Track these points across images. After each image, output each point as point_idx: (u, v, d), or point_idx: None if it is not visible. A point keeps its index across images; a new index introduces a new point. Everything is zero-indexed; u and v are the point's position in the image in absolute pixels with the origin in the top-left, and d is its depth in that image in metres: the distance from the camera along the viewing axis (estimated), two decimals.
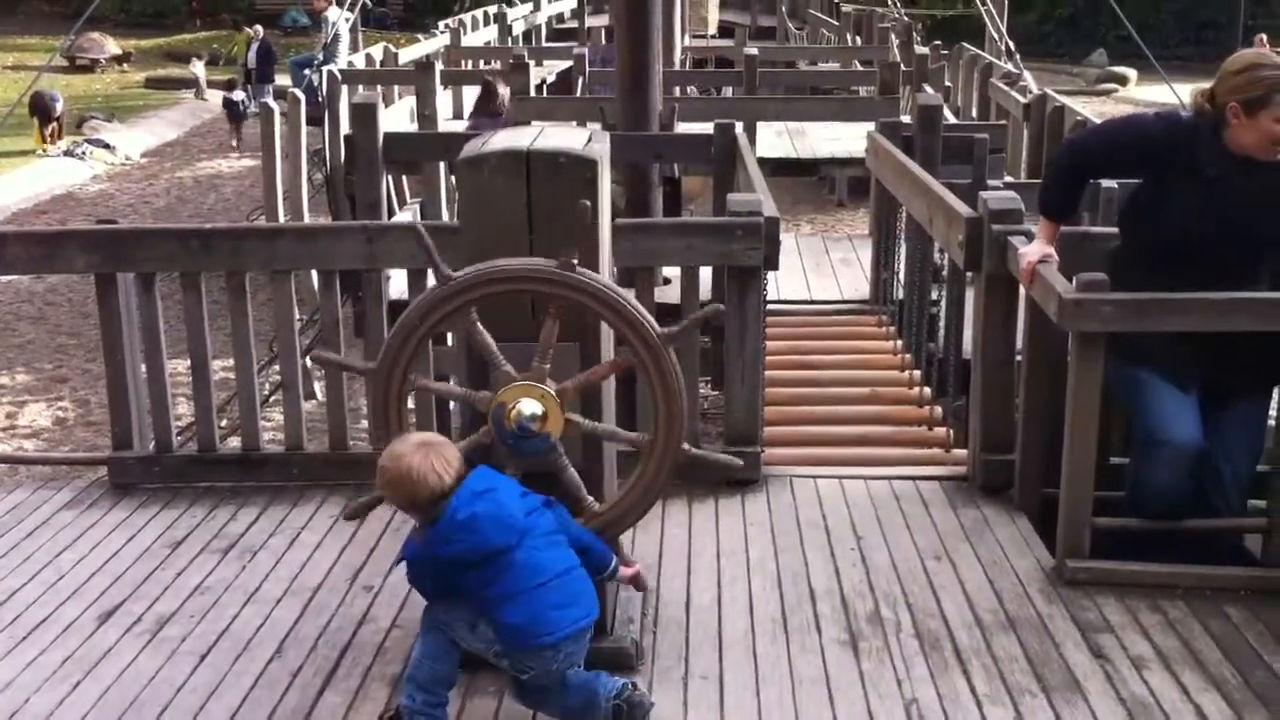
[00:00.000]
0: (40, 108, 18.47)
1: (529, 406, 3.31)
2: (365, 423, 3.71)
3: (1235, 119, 4.05)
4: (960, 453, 5.49)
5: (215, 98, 24.20)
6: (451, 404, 5.52)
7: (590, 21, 21.29)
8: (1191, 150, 4.15)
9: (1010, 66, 14.18)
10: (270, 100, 13.03)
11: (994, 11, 17.61)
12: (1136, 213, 4.36)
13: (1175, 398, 4.20)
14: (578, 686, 3.29)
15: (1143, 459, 4.32)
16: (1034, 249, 4.40)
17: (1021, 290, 4.63)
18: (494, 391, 3.35)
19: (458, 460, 3.21)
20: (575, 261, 3.28)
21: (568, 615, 3.18)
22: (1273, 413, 4.46)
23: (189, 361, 5.09)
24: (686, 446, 3.48)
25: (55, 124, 19.03)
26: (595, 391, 3.49)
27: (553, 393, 3.32)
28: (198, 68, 26.02)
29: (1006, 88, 12.51)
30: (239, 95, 21.01)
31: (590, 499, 3.45)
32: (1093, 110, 10.52)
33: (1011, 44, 15.83)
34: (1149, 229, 4.28)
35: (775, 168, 11.41)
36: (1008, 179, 8.28)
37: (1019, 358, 4.80)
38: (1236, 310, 4.05)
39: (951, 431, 5.86)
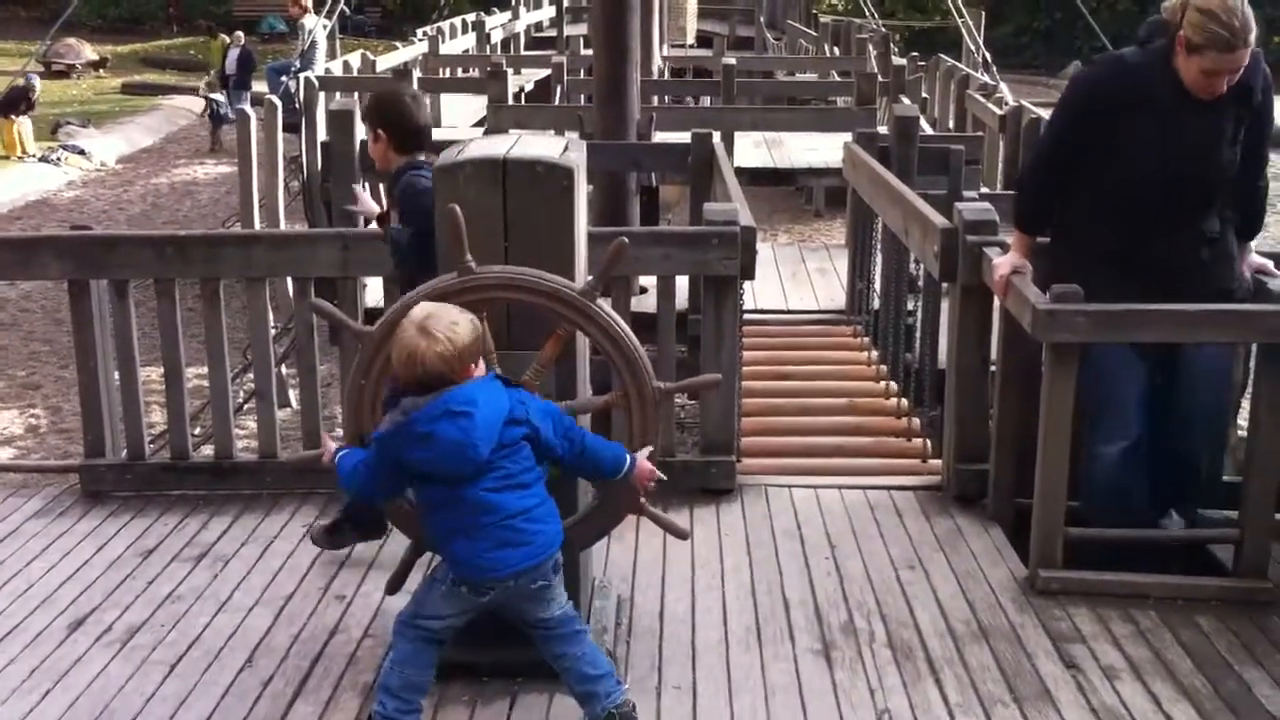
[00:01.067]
0: (14, 96, 18.01)
1: None
2: (340, 431, 3.69)
3: (1180, 48, 4.13)
4: (935, 463, 5.51)
5: (194, 103, 24.14)
6: None
7: (569, 30, 21.28)
8: (1147, 84, 4.23)
9: (987, 78, 14.24)
10: (248, 107, 12.98)
11: (971, 24, 17.70)
12: (1091, 160, 4.35)
13: (1127, 376, 4.27)
14: (585, 675, 3.28)
15: (1092, 459, 4.37)
16: (1008, 260, 4.42)
17: (996, 301, 4.65)
18: None
19: (465, 349, 3.09)
20: (598, 290, 3.30)
21: (512, 556, 3.15)
22: (1243, 422, 4.49)
23: (162, 369, 5.06)
24: (643, 502, 3.48)
25: (27, 103, 18.63)
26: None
27: None
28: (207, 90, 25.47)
29: (983, 99, 12.56)
30: (219, 96, 20.90)
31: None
32: None
33: (988, 56, 15.90)
34: (1106, 175, 4.31)
35: (752, 177, 11.46)
36: (983, 190, 8.30)
37: (994, 368, 4.82)
38: (1206, 321, 4.08)
39: (928, 442, 5.88)
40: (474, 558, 3.16)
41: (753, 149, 12.75)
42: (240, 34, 23.99)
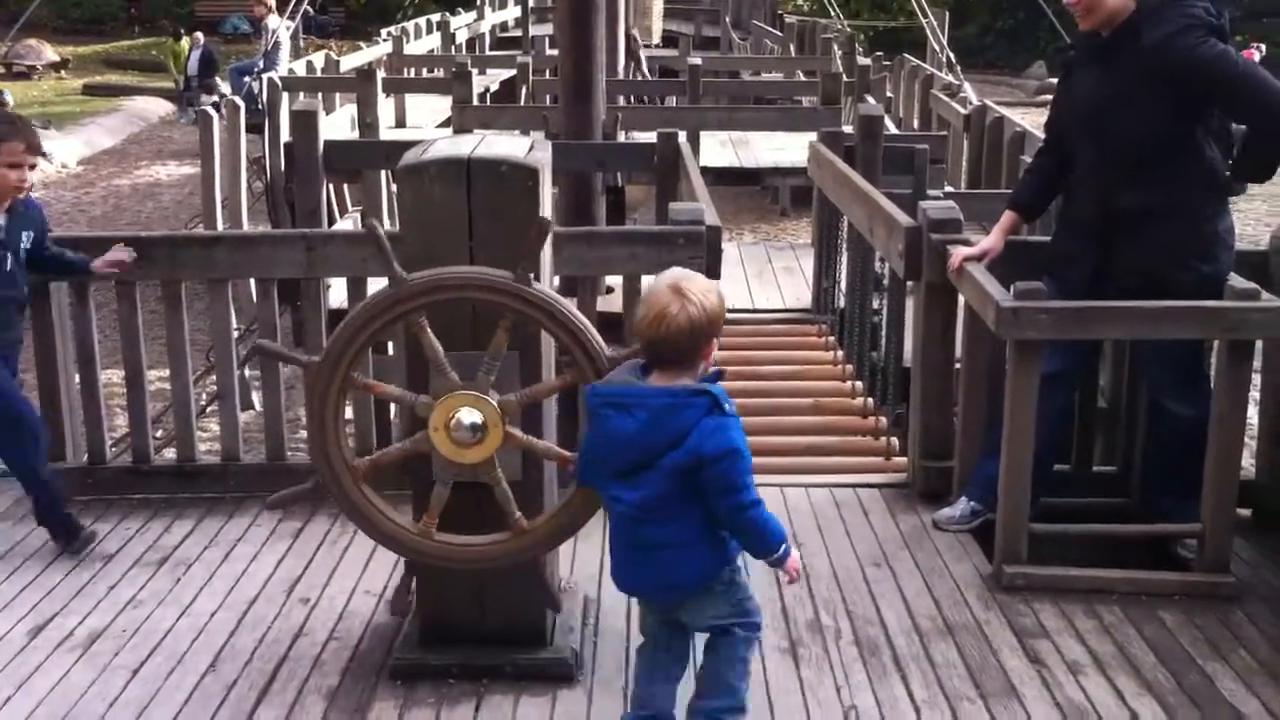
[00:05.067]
0: None
1: (469, 416, 3.29)
2: (304, 433, 3.66)
3: None
4: (900, 460, 5.52)
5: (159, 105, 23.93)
6: (392, 408, 5.51)
7: (534, 30, 21.24)
8: (1079, 43, 4.39)
9: (951, 78, 14.32)
10: (210, 108, 12.90)
11: (935, 24, 17.80)
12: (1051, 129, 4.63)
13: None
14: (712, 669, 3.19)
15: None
16: (973, 246, 4.51)
17: (961, 299, 4.67)
18: (435, 399, 3.33)
19: (715, 318, 2.98)
20: (532, 275, 3.27)
21: (629, 578, 3.16)
22: None
23: (123, 372, 5.02)
24: None
25: None
26: (536, 405, 3.47)
27: (495, 405, 3.30)
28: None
29: (947, 99, 12.63)
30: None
31: (519, 515, 3.42)
32: (1031, 121, 10.63)
33: (952, 56, 15.99)
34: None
35: (719, 177, 11.47)
36: (948, 189, 8.35)
37: (959, 365, 4.85)
38: (1167, 318, 4.11)
39: (893, 439, 5.90)
40: (614, 569, 3.18)
41: (719, 148, 12.76)
42: (200, 35, 23.84)
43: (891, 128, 12.19)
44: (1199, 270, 4.22)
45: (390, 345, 5.14)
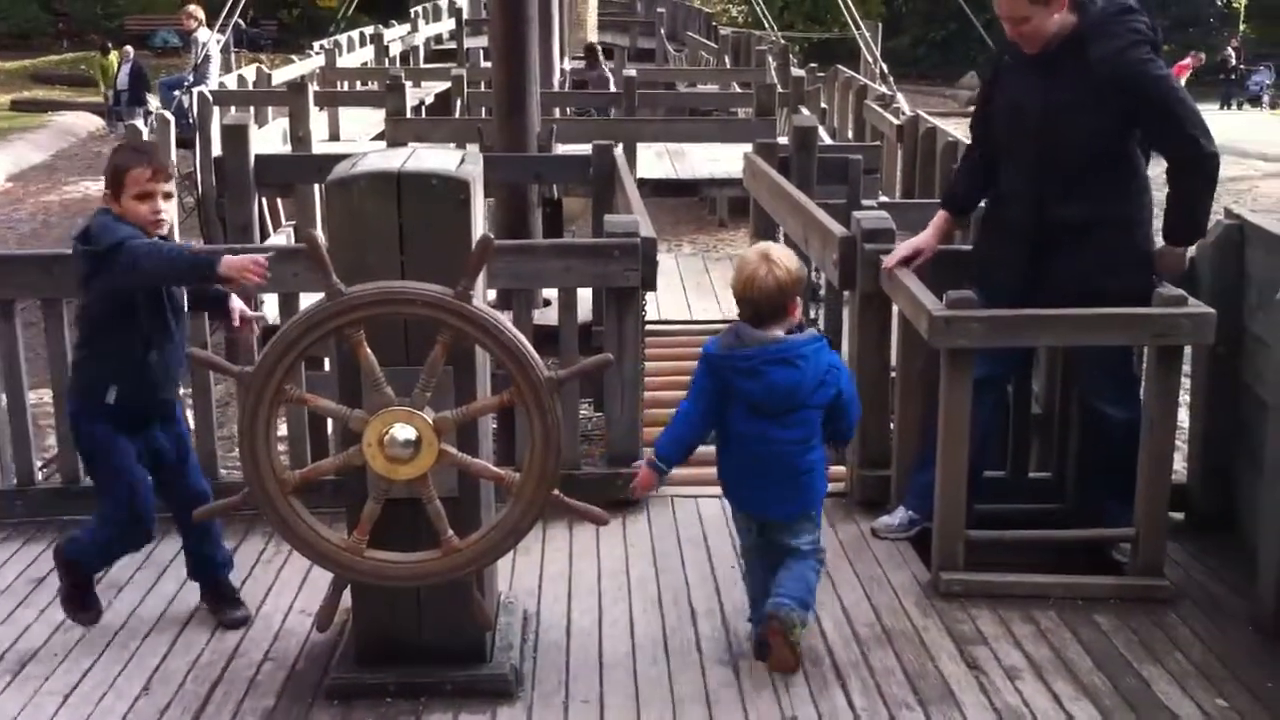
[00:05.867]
0: None
1: (404, 432, 3.26)
2: (237, 450, 3.61)
3: None
4: (839, 469, 5.53)
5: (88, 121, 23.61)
6: (329, 423, 5.44)
7: (469, 43, 21.19)
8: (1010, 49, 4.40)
9: (884, 89, 14.45)
10: (140, 122, 12.74)
11: (868, 35, 17.96)
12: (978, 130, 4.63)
13: None
14: (789, 582, 3.72)
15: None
16: (905, 245, 4.54)
17: (895, 308, 4.70)
18: (370, 414, 3.29)
19: (799, 279, 3.66)
20: (472, 292, 3.24)
21: (787, 503, 3.75)
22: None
23: (51, 391, 4.92)
24: (557, 494, 3.44)
25: None
26: (472, 422, 3.44)
27: (430, 421, 3.27)
28: None
29: (881, 109, 12.73)
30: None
31: (450, 534, 3.39)
32: (963, 132, 10.72)
33: (885, 67, 16.16)
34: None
35: (656, 188, 11.49)
36: (882, 199, 8.41)
37: (894, 374, 4.87)
38: (1098, 325, 4.16)
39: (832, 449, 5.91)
40: (729, 483, 3.83)
41: (655, 160, 12.79)
42: (130, 49, 23.56)
43: (826, 138, 12.26)
44: (1132, 279, 4.27)
45: (327, 362, 5.08)
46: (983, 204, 4.70)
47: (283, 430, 4.10)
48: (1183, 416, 4.35)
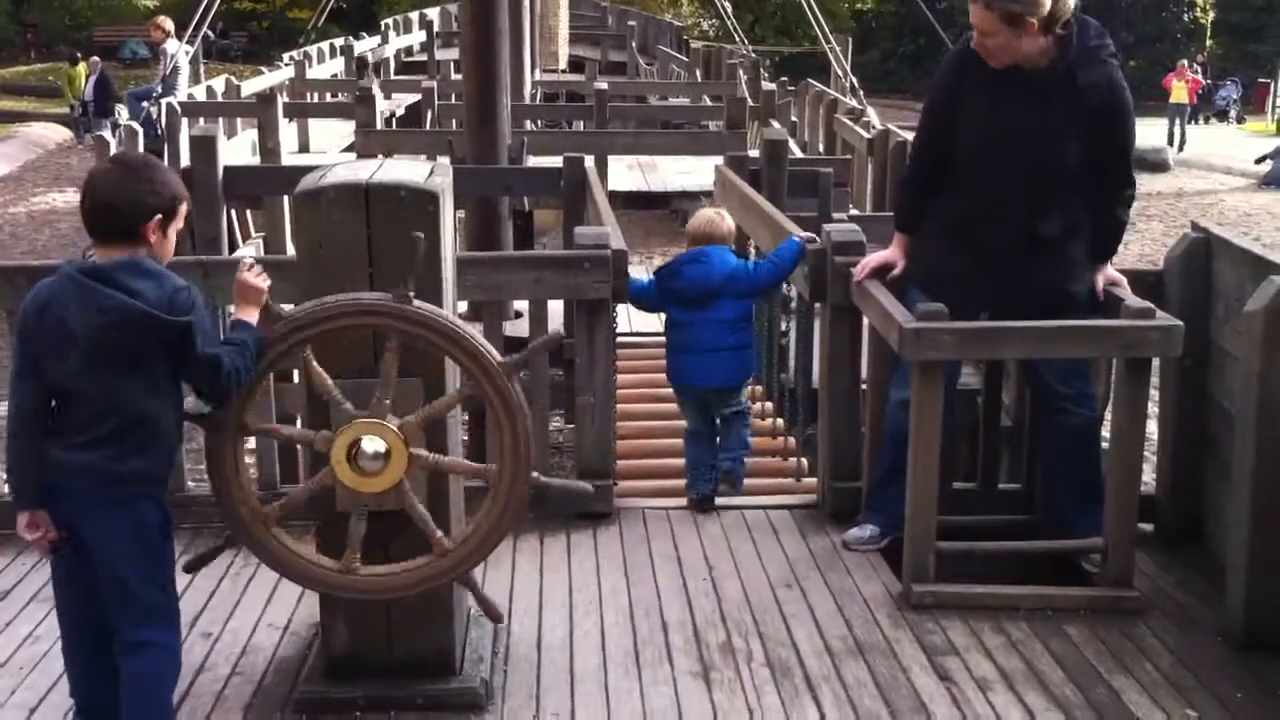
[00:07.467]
0: None
1: (371, 444, 3.23)
2: (205, 464, 3.58)
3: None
4: (810, 481, 5.55)
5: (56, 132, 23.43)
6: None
7: (440, 55, 21.17)
8: (979, 59, 4.35)
9: (854, 102, 14.50)
10: (107, 134, 12.66)
11: (838, 49, 18.03)
12: (948, 137, 4.49)
13: None
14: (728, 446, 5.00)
15: (888, 399, 4.66)
16: (874, 257, 4.54)
17: (865, 320, 4.71)
18: (334, 430, 3.27)
19: (732, 230, 5.05)
20: (412, 294, 3.22)
21: (717, 374, 4.91)
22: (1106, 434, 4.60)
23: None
24: (536, 475, 3.43)
25: None
26: (440, 427, 3.42)
27: (395, 429, 3.25)
28: None
29: (851, 123, 12.79)
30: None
31: (441, 534, 3.38)
32: None
33: (855, 81, 16.21)
34: (952, 147, 4.46)
35: (627, 201, 11.50)
36: (852, 211, 8.43)
37: (865, 386, 4.88)
38: (1067, 337, 4.18)
39: (803, 461, 5.92)
40: (670, 364, 5.02)
41: (626, 172, 12.79)
42: (98, 60, 23.44)
43: (796, 151, 12.31)
44: (1089, 280, 4.44)
45: (295, 374, 5.04)
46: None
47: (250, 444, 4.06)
48: (1151, 428, 4.37)
